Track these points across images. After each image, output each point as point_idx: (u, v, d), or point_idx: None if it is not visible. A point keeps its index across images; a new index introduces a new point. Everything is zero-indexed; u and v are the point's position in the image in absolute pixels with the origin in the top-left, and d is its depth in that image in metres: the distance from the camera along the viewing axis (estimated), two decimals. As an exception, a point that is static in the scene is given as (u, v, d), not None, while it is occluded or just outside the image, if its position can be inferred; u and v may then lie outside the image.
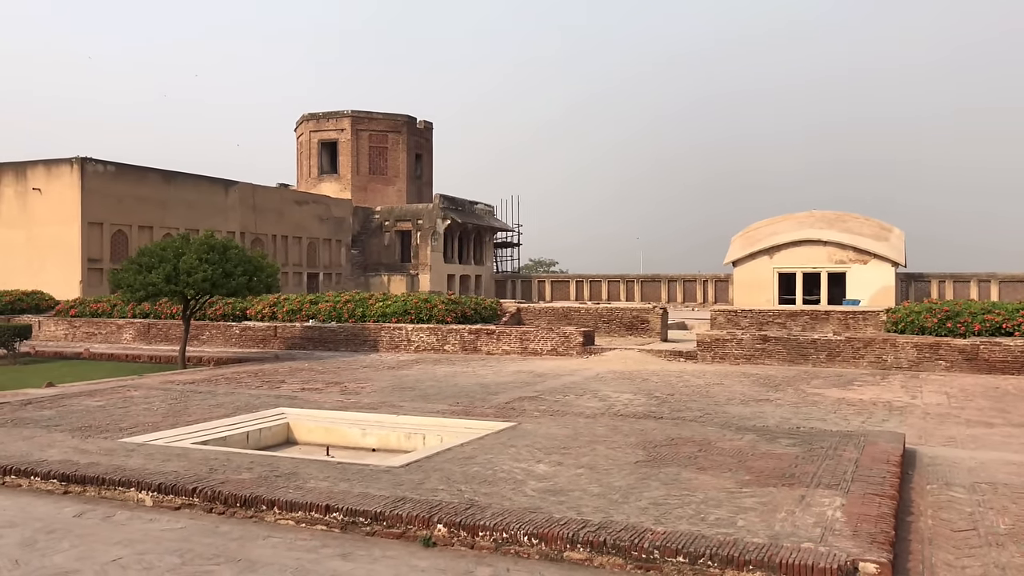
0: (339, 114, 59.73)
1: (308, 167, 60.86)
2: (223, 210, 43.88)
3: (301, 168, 62.22)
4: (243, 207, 45.27)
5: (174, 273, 19.27)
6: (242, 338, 24.65)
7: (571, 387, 15.04)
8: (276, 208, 47.96)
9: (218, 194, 43.86)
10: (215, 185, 43.92)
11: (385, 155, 60.39)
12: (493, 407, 12.40)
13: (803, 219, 48.36)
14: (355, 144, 59.42)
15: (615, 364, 19.16)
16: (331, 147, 60.53)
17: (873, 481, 7.41)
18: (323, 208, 52.11)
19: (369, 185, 59.80)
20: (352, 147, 59.34)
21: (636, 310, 26.15)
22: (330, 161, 60.78)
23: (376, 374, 17.44)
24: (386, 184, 60.39)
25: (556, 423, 10.70)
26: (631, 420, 11.02)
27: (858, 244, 44.91)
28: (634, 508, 6.64)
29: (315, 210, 51.39)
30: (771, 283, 46.34)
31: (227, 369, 18.55)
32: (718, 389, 14.80)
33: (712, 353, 19.61)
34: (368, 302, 25.30)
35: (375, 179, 60.16)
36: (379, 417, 11.26)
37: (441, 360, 20.60)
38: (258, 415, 11.50)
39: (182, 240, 20.30)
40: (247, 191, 45.81)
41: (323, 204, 52.38)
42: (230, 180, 45.10)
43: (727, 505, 6.74)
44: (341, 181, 59.53)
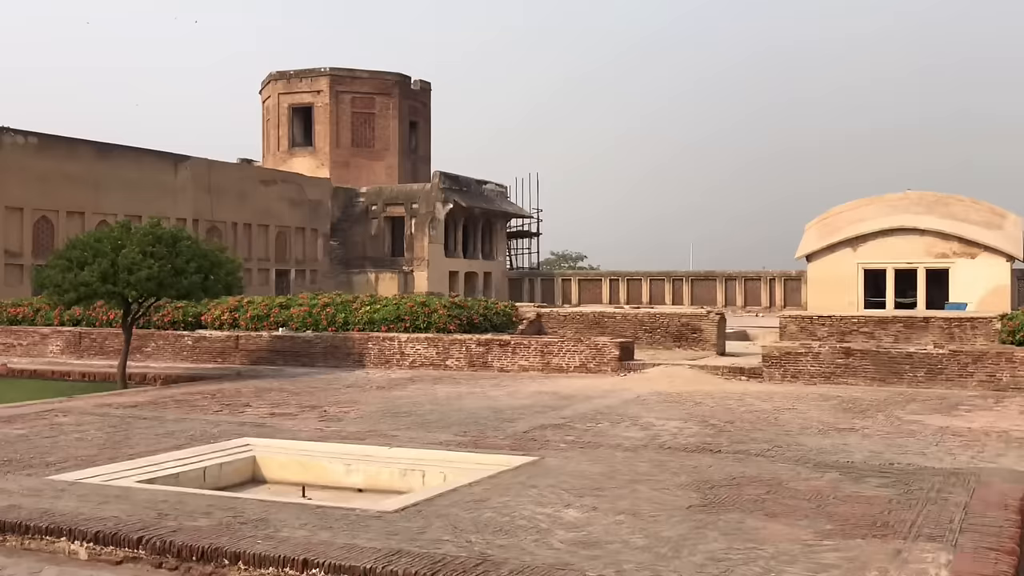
0: (315, 72, 60.00)
1: (276, 138, 61.17)
2: (172, 192, 44.14)
3: (268, 140, 62.53)
4: (196, 188, 45.52)
5: (112, 270, 19.37)
6: (196, 351, 24.75)
7: (605, 412, 15.01)
8: (237, 189, 48.20)
9: (166, 172, 44.11)
10: (162, 161, 44.18)
11: (372, 123, 60.60)
12: (509, 437, 12.38)
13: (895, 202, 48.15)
14: (335, 110, 59.67)
15: (660, 384, 19.11)
16: (305, 114, 60.81)
17: (987, 532, 7.37)
18: (295, 189, 52.33)
19: (352, 160, 60.02)
20: (331, 113, 59.60)
21: (686, 316, 26.08)
22: (304, 131, 61.06)
23: (363, 396, 17.45)
24: (373, 159, 60.59)
25: (587, 457, 10.68)
26: (681, 454, 10.98)
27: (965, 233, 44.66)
28: (687, 565, 6.63)
29: (285, 191, 51.61)
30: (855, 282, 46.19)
31: (178, 389, 18.60)
32: (790, 415, 14.74)
33: (781, 370, 19.54)
34: (352, 306, 25.35)
35: (360, 153, 60.37)
36: (367, 449, 11.27)
37: (443, 378, 20.59)
38: (217, 447, 11.54)
39: (121, 229, 20.41)
40: (201, 168, 46.06)
41: (295, 184, 52.60)
42: (180, 155, 45.36)
43: (803, 561, 6.71)
44: (317, 156, 59.79)
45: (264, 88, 63.28)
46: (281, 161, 59.93)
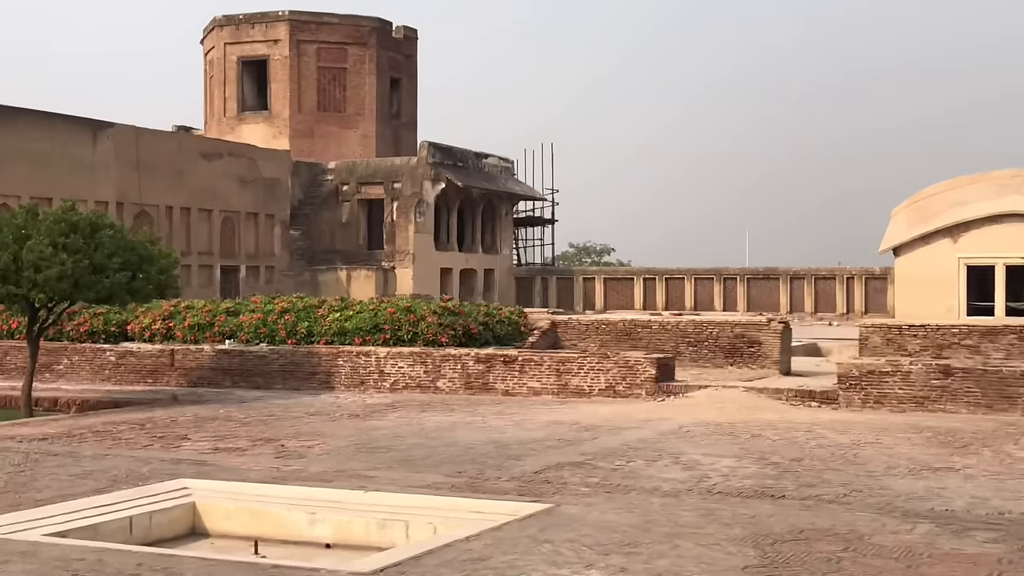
0: (271, 17, 60.06)
1: (222, 101, 61.22)
2: (90, 168, 44.14)
3: (212, 102, 62.56)
4: (121, 163, 45.52)
5: (13, 267, 19.35)
6: (121, 369, 24.75)
7: (638, 447, 14.97)
8: (172, 165, 48.20)
9: (82, 143, 44.13)
10: (78, 129, 44.21)
11: (343, 81, 60.62)
12: (516, 479, 12.35)
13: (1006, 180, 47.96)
14: (296, 64, 59.68)
15: (707, 411, 19.06)
16: (258, 69, 60.83)
17: (1124, 600, 7.32)
18: (246, 164, 52.33)
19: (318, 128, 60.04)
20: (291, 69, 59.60)
21: (741, 326, 26.01)
22: (257, 91, 61.10)
23: (331, 426, 17.41)
24: (344, 127, 60.62)
25: (616, 505, 10.65)
26: (735, 500, 10.96)
27: (1094, 220, 44.46)
28: (742, 641, 6.61)
29: (233, 167, 51.60)
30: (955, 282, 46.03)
31: (98, 418, 18.57)
32: (872, 451, 14.70)
33: (862, 394, 19.47)
34: (317, 313, 25.34)
35: (328, 119, 60.40)
36: (336, 494, 11.26)
37: (433, 404, 20.54)
38: (147, 491, 11.53)
39: (26, 216, 20.40)
40: (127, 138, 46.05)
41: (246, 158, 52.59)
42: (101, 122, 45.35)
43: (890, 637, 6.69)
44: (274, 122, 59.84)
45: (207, 37, 63.33)
46: (228, 129, 59.97)
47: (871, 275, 54.12)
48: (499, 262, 59.98)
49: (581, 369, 21.72)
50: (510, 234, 62.10)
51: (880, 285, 53.44)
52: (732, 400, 19.98)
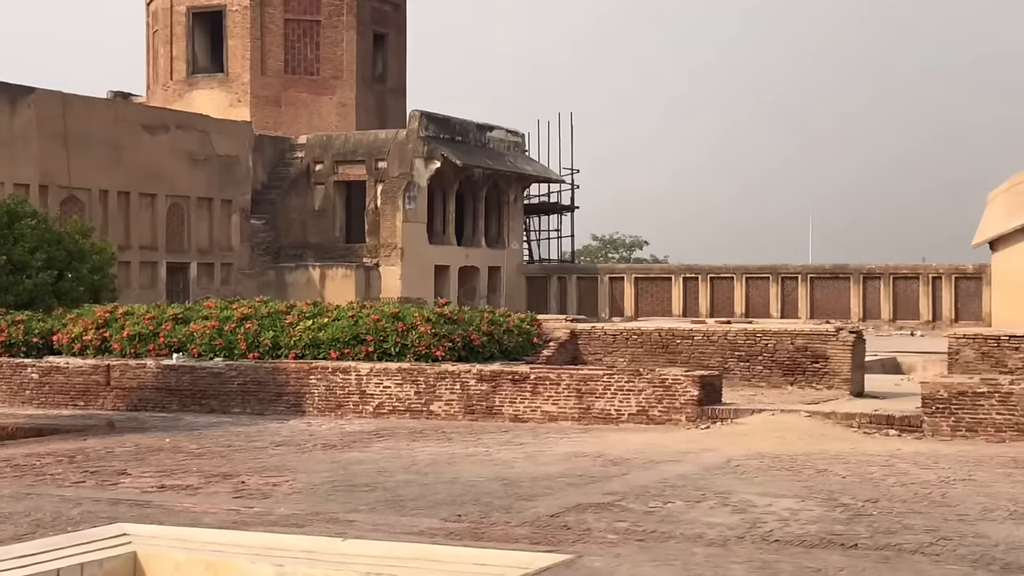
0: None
1: (169, 60, 61.40)
2: (6, 143, 44.28)
3: (156, 63, 62.73)
4: (45, 136, 45.66)
5: (-84, 265, 19.47)
6: (45, 389, 24.77)
7: (678, 485, 14.96)
8: (108, 139, 48.33)
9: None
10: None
11: (316, 36, 60.72)
12: (528, 523, 12.35)
13: None
14: (258, 16, 59.78)
15: (763, 441, 19.04)
16: (212, 21, 61.01)
17: None
18: (197, 138, 52.44)
19: (285, 94, 60.19)
20: (253, 21, 59.72)
21: (803, 336, 25.97)
22: (211, 49, 61.27)
23: (302, 459, 17.41)
24: (318, 92, 60.74)
25: (650, 556, 10.65)
26: (796, 551, 10.95)
27: None
28: None
29: (182, 141, 51.72)
30: (1066, 282, 45.95)
31: (17, 448, 18.58)
32: (965, 490, 14.66)
33: (952, 420, 19.43)
34: (285, 320, 25.35)
35: (297, 83, 60.53)
36: (309, 542, 11.25)
37: (426, 432, 20.53)
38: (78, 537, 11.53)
39: (-69, 201, 20.51)
40: (52, 107, 46.18)
41: (198, 131, 52.71)
42: (20, 86, 45.51)
43: None
44: (231, 87, 59.96)
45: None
46: (176, 96, 60.14)
47: (962, 274, 54.08)
48: (507, 258, 60.04)
49: (607, 389, 21.68)
50: (520, 224, 62.17)
51: (973, 286, 53.42)
52: (792, 427, 19.95)
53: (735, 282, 57.63)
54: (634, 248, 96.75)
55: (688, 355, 26.28)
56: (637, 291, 59.36)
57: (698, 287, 58.10)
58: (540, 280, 60.95)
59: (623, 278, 60.39)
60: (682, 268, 60.34)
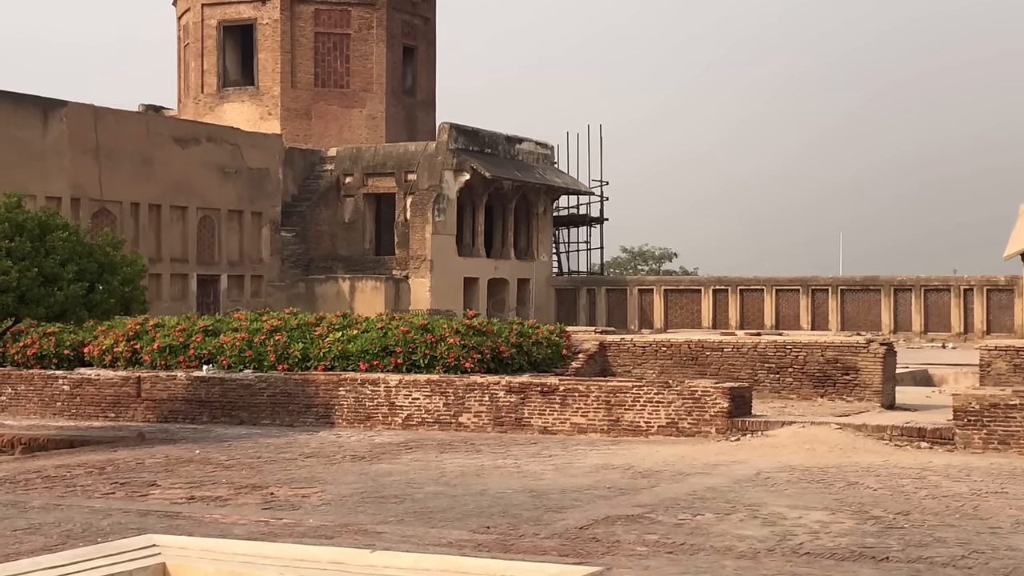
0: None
1: (200, 74, 61.59)
2: (39, 156, 44.46)
3: (187, 76, 62.96)
4: (77, 150, 45.84)
5: (-52, 277, 19.52)
6: (77, 400, 24.85)
7: (707, 498, 14.93)
8: (139, 152, 48.49)
9: (30, 126, 44.46)
10: (23, 110, 44.54)
11: (346, 49, 60.84)
12: (557, 536, 12.33)
13: None
14: (289, 30, 59.93)
15: (793, 454, 19.00)
16: (243, 35, 61.21)
17: None
18: (228, 151, 52.59)
19: (315, 107, 60.31)
20: (284, 35, 59.87)
21: (833, 348, 25.90)
22: (241, 63, 61.47)
23: (331, 471, 17.42)
24: (348, 105, 60.85)
25: (680, 569, 10.60)
26: (827, 564, 10.89)
27: None
28: None
29: (213, 155, 51.87)
30: (1097, 294, 45.73)
31: (48, 460, 18.65)
32: (997, 503, 14.59)
33: (984, 432, 19.31)
34: (314, 332, 25.38)
35: (327, 96, 60.64)
36: (338, 554, 11.22)
37: (455, 444, 20.54)
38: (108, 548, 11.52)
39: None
40: (84, 121, 46.35)
41: (228, 144, 52.85)
42: (54, 100, 45.68)
43: None
44: (262, 100, 60.12)
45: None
46: (207, 109, 60.33)
47: (994, 286, 53.83)
48: (536, 270, 60.01)
49: (637, 401, 21.64)
50: (549, 236, 62.14)
51: (1005, 298, 53.16)
52: (823, 440, 19.89)
53: (765, 294, 57.47)
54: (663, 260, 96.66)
55: (718, 367, 26.21)
56: (666, 303, 59.23)
57: (728, 299, 57.94)
58: (569, 292, 60.88)
59: (652, 290, 60.25)
60: (712, 280, 60.19)
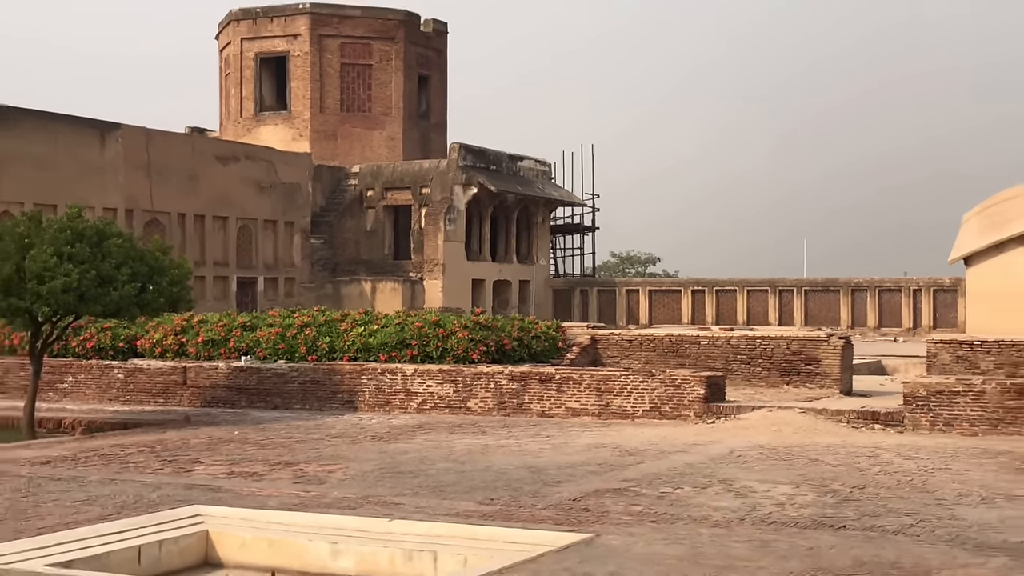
0: (290, 10, 60.34)
1: (239, 100, 61.59)
2: (98, 172, 44.45)
3: (227, 102, 62.96)
4: (131, 167, 45.83)
5: (16, 278, 19.51)
6: (130, 387, 24.89)
7: (686, 473, 14.93)
8: (186, 169, 48.48)
9: (89, 146, 44.46)
10: (84, 132, 44.54)
11: (368, 79, 60.83)
12: (553, 507, 12.34)
13: (1089, 183, 47.49)
14: (317, 61, 59.94)
15: (761, 434, 18.99)
16: (277, 66, 61.16)
17: None
18: (264, 168, 52.57)
19: (341, 129, 60.30)
20: (312, 66, 59.85)
21: (798, 341, 25.91)
22: (275, 90, 61.43)
23: (354, 449, 17.44)
24: (369, 128, 60.84)
25: (661, 536, 10.61)
26: (792, 531, 10.90)
27: None
28: None
29: (250, 171, 51.85)
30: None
31: (105, 440, 18.68)
32: (942, 478, 14.58)
33: (931, 416, 19.32)
34: (340, 327, 25.41)
35: (351, 119, 60.62)
36: (360, 522, 11.26)
37: (463, 426, 20.55)
38: (157, 518, 11.57)
39: (29, 224, 20.56)
40: (137, 141, 46.35)
41: (264, 161, 52.82)
42: (109, 123, 45.69)
43: None
44: (293, 123, 60.12)
45: (222, 32, 63.72)
46: (245, 131, 60.30)
47: (940, 287, 53.73)
48: (535, 273, 59.96)
49: (624, 388, 21.66)
50: (547, 242, 62.09)
51: (950, 298, 53.04)
52: (788, 422, 19.90)
53: (737, 294, 57.36)
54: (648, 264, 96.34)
55: (695, 358, 26.22)
56: (651, 302, 59.11)
57: (705, 298, 57.81)
58: (565, 292, 60.77)
59: (638, 291, 60.13)
60: (690, 281, 60.04)
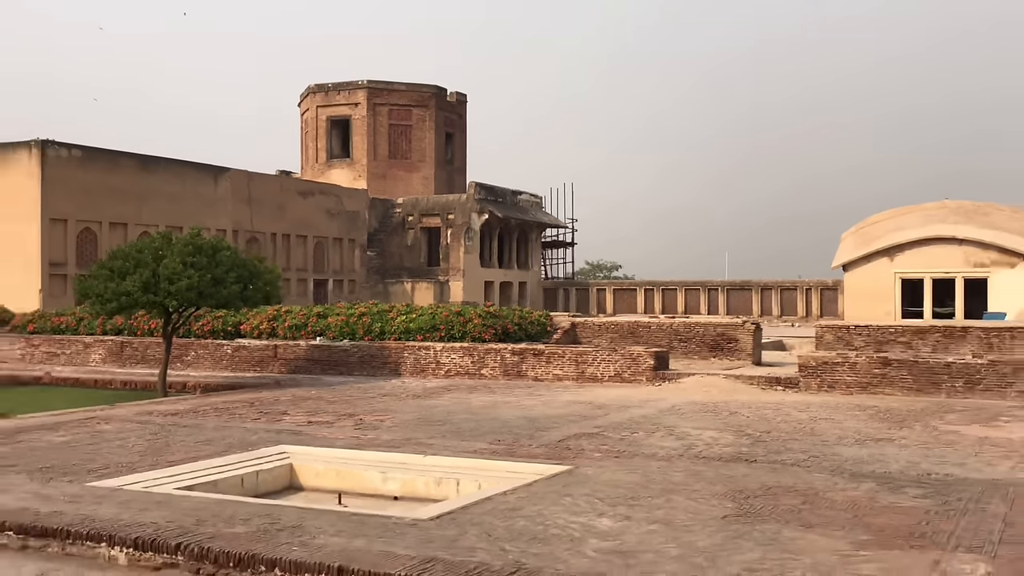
0: (352, 85, 60.45)
1: (315, 150, 61.63)
2: (212, 203, 44.58)
3: (306, 152, 63.02)
4: (236, 200, 45.94)
5: (153, 280, 19.57)
6: (235, 359, 24.94)
7: (640, 422, 14.93)
8: (276, 200, 48.59)
9: (206, 184, 44.58)
10: (202, 173, 44.66)
11: (408, 135, 60.92)
12: (543, 446, 12.36)
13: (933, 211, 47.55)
14: (372, 122, 60.05)
15: (695, 393, 18.99)
16: (342, 126, 61.24)
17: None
18: (333, 200, 52.68)
19: (389, 172, 60.34)
20: (368, 126, 59.97)
21: (721, 326, 25.91)
22: (341, 143, 61.49)
23: (398, 404, 17.50)
24: (409, 171, 60.87)
25: (622, 467, 10.63)
26: (716, 464, 10.91)
27: (1004, 243, 43.99)
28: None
29: (323, 202, 51.96)
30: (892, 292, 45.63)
31: (217, 397, 18.75)
32: (826, 425, 14.59)
33: (818, 380, 19.33)
34: (388, 315, 25.45)
35: (396, 164, 60.68)
36: (403, 457, 11.29)
37: (478, 387, 20.60)
38: (255, 454, 11.61)
39: (162, 240, 20.61)
40: (241, 180, 46.48)
41: (333, 195, 52.95)
42: (220, 167, 45.80)
43: (840, 573, 6.64)
44: (355, 167, 60.17)
45: (303, 101, 63.82)
46: (319, 172, 60.36)
47: (825, 286, 53.81)
48: (531, 276, 60.05)
49: (595, 360, 21.68)
50: (539, 254, 62.16)
51: (832, 294, 53.11)
52: (715, 385, 19.90)
53: (678, 292, 57.35)
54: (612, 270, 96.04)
55: (647, 338, 26.23)
56: (614, 298, 59.13)
57: (654, 295, 57.83)
58: (552, 290, 60.79)
59: (605, 289, 60.14)
60: (643, 283, 60.03)
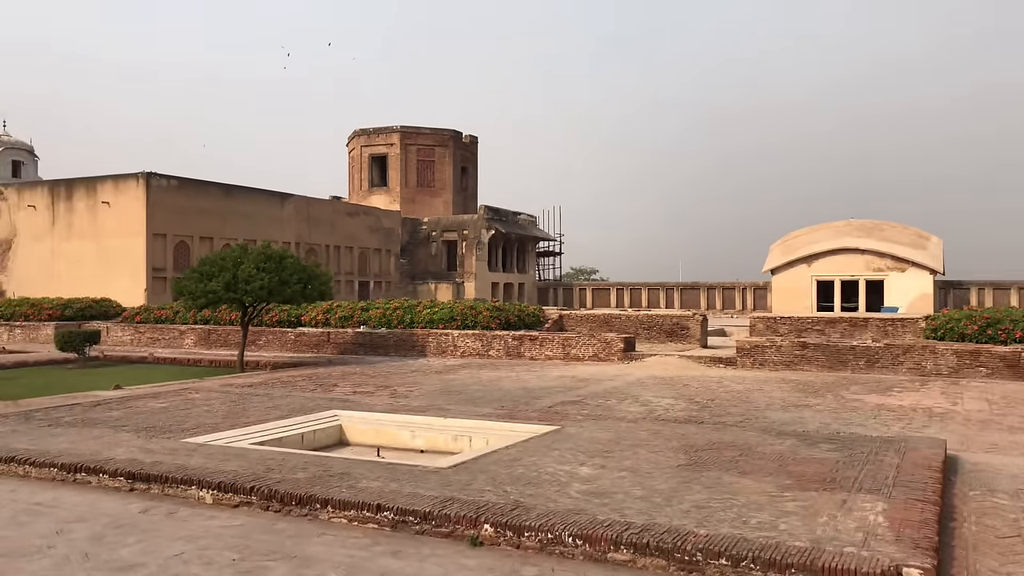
0: (389, 130, 60.40)
1: (359, 180, 61.55)
2: (279, 221, 44.51)
3: (353, 181, 62.96)
4: (298, 219, 45.88)
5: (233, 281, 19.55)
6: (297, 343, 24.93)
7: (613, 392, 14.93)
8: (329, 219, 48.53)
9: (274, 206, 44.52)
10: (271, 198, 44.60)
11: (432, 168, 60.85)
12: (537, 411, 12.35)
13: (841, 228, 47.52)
14: (404, 158, 59.98)
15: (656, 370, 19.00)
16: (381, 161, 61.19)
17: (915, 487, 7.21)
18: (373, 219, 52.60)
19: (417, 197, 60.28)
20: (401, 161, 59.91)
21: (676, 317, 25.92)
22: (380, 174, 61.42)
23: (424, 378, 17.50)
24: (433, 196, 60.80)
25: (599, 427, 10.62)
26: (672, 424, 10.89)
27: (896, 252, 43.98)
28: (676, 511, 6.55)
29: (366, 221, 51.89)
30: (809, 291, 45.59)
31: (282, 373, 18.76)
32: (758, 395, 14.58)
33: (751, 359, 19.34)
34: (416, 309, 25.43)
35: (423, 191, 60.62)
36: (427, 420, 11.28)
37: (486, 365, 20.61)
38: (312, 417, 11.60)
39: (241, 250, 20.60)
40: (302, 203, 46.42)
41: (373, 215, 52.87)
42: (286, 193, 45.74)
43: (769, 509, 6.61)
44: (390, 193, 60.10)
45: (350, 142, 63.76)
46: (363, 198, 60.30)
47: (758, 286, 53.73)
48: (527, 279, 59.96)
49: (578, 343, 21.69)
50: (534, 261, 62.07)
51: (763, 293, 53.04)
52: (671, 363, 19.94)
53: (643, 291, 57.32)
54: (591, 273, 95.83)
55: (619, 327, 26.23)
56: (593, 295, 59.08)
57: (624, 293, 57.79)
58: (544, 290, 60.73)
59: (586, 288, 60.09)
60: (616, 283, 59.94)
